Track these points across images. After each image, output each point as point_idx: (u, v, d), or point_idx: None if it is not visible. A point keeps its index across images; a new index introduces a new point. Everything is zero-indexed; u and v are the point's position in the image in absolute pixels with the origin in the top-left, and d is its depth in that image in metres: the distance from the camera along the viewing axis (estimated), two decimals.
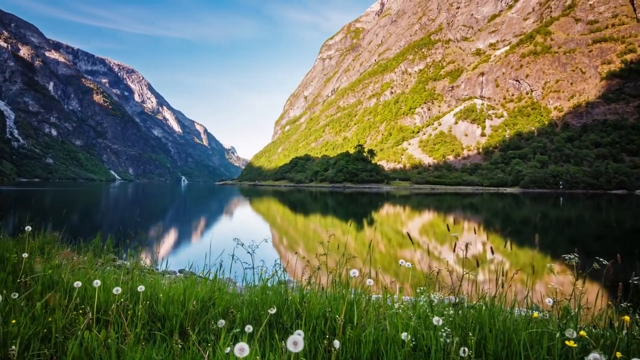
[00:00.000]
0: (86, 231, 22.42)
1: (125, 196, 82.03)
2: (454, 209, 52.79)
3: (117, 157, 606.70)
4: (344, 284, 5.22)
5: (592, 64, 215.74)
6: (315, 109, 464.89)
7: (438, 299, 4.93)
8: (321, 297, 5.04)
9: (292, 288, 5.53)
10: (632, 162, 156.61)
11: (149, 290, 5.23)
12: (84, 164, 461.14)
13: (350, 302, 4.59)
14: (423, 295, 4.94)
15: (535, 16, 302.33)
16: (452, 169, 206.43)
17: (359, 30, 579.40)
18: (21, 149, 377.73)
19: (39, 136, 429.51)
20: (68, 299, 4.92)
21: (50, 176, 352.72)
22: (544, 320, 4.11)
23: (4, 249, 6.88)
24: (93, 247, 9.12)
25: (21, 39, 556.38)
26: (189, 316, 4.76)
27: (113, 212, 43.65)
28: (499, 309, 4.42)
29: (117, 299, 4.64)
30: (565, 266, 4.86)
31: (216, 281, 5.82)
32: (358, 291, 5.01)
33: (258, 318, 4.79)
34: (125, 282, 5.74)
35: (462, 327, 4.02)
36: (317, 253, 6.21)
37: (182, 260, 13.98)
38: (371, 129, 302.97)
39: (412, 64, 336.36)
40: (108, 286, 5.17)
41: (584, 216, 43.53)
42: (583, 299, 4.34)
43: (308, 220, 37.55)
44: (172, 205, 56.91)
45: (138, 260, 7.01)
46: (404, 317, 4.34)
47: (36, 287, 5.21)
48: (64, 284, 5.46)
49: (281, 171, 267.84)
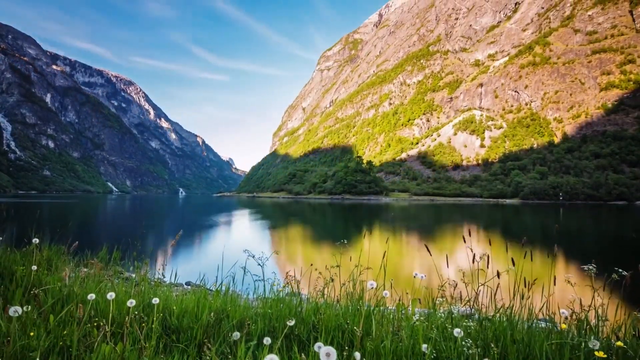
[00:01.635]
0: (90, 243, 22.32)
1: (125, 209, 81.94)
2: (459, 220, 52.74)
3: (114, 169, 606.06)
4: (359, 295, 5.19)
5: (591, 75, 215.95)
6: (313, 120, 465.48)
7: (456, 311, 4.90)
8: (336, 309, 5.00)
9: (305, 300, 5.49)
10: (632, 173, 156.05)
11: (162, 302, 5.19)
12: (81, 176, 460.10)
13: (367, 314, 4.56)
14: (442, 307, 4.91)
15: (534, 27, 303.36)
16: (451, 180, 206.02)
17: (357, 42, 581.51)
18: (18, 161, 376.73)
19: (36, 148, 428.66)
20: (75, 310, 4.89)
21: (48, 188, 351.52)
22: (564, 331, 4.08)
23: (11, 262, 6.85)
24: (99, 260, 9.09)
25: (18, 50, 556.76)
26: (203, 328, 4.72)
27: (115, 224, 43.56)
28: (517, 320, 4.39)
29: (131, 312, 4.61)
30: (583, 276, 4.83)
31: (228, 293, 5.78)
32: (372, 302, 4.98)
33: (273, 330, 4.76)
34: (136, 294, 5.69)
35: (482, 339, 3.99)
36: (326, 265, 6.19)
37: (189, 272, 13.93)
38: (370, 140, 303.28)
39: (411, 75, 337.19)
40: (120, 299, 5.12)
41: (592, 227, 43.52)
42: (602, 310, 4.31)
43: (314, 232, 37.46)
44: (174, 218, 56.84)
45: (146, 273, 6.97)
46: (422, 328, 4.30)
47: (47, 300, 5.18)
48: (75, 296, 5.42)
49: (279, 183, 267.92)
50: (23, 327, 4.08)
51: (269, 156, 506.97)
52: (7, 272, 6.47)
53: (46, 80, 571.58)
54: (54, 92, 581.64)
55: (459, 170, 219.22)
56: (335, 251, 6.31)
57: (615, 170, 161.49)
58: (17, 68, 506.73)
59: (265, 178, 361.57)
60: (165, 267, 7.42)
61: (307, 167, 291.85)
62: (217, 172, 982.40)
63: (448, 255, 5.58)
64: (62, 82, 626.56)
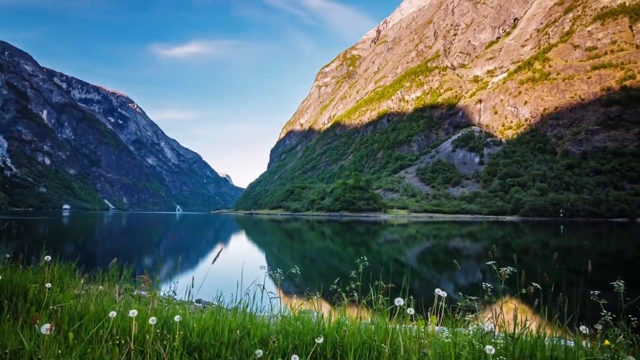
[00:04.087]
0: (96, 260, 22.25)
1: (124, 226, 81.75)
2: (467, 237, 52.68)
3: (111, 185, 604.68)
4: (384, 312, 5.13)
5: (591, 91, 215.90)
6: (311, 136, 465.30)
7: (484, 327, 4.85)
8: (359, 326, 4.95)
9: (325, 316, 5.44)
10: (632, 190, 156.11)
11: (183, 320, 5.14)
12: (77, 193, 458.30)
13: (394, 331, 4.51)
14: (471, 325, 4.86)
15: (533, 43, 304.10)
16: (451, 197, 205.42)
17: (355, 58, 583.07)
18: (14, 178, 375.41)
19: (32, 165, 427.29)
20: (100, 329, 4.85)
21: (44, 205, 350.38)
22: (595, 348, 4.04)
23: (24, 279, 6.82)
24: (109, 277, 9.03)
25: (15, 66, 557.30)
26: (225, 346, 4.68)
27: (117, 241, 43.40)
28: (544, 337, 4.34)
29: (153, 330, 4.58)
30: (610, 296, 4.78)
31: (245, 310, 5.73)
32: (396, 319, 4.93)
33: (296, 348, 4.71)
34: (153, 311, 5.64)
35: (512, 356, 3.94)
36: (344, 281, 6.14)
37: (200, 289, 13.83)
38: (368, 157, 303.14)
39: (409, 91, 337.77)
40: (139, 316, 5.07)
41: (615, 244, 43.44)
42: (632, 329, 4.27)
43: (325, 249, 37.39)
44: (175, 235, 56.66)
45: (158, 290, 6.91)
46: (451, 346, 4.25)
47: (63, 317, 5.14)
48: (91, 314, 5.38)
49: (277, 200, 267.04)
50: (45, 345, 4.03)
51: (266, 173, 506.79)
52: (19, 289, 6.43)
53: (42, 96, 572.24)
54: (51, 108, 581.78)
55: (458, 186, 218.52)
56: (353, 268, 6.26)
57: (615, 186, 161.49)
58: (13, 84, 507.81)
59: (262, 195, 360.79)
60: (177, 284, 7.39)
61: (304, 183, 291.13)
62: (214, 189, 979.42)
63: (468, 271, 5.55)
64: (59, 99, 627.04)
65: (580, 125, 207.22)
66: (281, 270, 6.37)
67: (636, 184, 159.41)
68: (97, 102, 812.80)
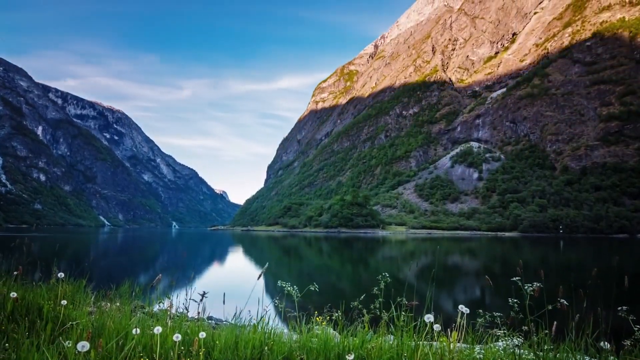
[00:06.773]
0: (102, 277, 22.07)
1: (123, 243, 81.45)
2: (471, 254, 52.59)
3: (106, 202, 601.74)
4: (410, 328, 5.09)
5: (590, 106, 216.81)
6: (308, 152, 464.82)
7: (513, 343, 4.81)
8: (384, 343, 4.91)
9: (347, 333, 5.40)
10: (633, 206, 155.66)
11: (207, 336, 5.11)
12: (72, 210, 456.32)
13: (423, 347, 4.47)
14: (501, 341, 4.82)
15: (531, 58, 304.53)
16: (449, 213, 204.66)
17: (352, 73, 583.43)
18: (9, 195, 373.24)
19: (27, 181, 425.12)
20: (119, 345, 4.82)
21: (39, 222, 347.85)
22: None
23: (38, 297, 6.80)
24: (121, 294, 9.01)
25: (10, 82, 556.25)
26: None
27: (120, 258, 43.19)
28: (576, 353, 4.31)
29: (177, 347, 4.55)
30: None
31: (264, 327, 5.69)
32: (422, 336, 4.89)
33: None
34: (172, 328, 5.61)
35: None
36: (364, 298, 6.11)
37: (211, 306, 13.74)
38: (366, 173, 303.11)
39: (407, 107, 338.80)
40: (162, 333, 5.04)
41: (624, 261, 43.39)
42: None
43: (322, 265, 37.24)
44: (176, 252, 56.51)
45: (170, 307, 6.88)
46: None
47: (80, 334, 5.10)
48: (110, 330, 5.36)
49: (274, 216, 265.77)
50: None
51: (263, 189, 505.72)
52: (34, 307, 6.39)
53: (38, 112, 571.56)
54: (46, 124, 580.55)
55: (456, 202, 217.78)
56: (375, 284, 6.23)
57: (615, 202, 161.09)
58: (8, 100, 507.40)
59: (259, 211, 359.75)
60: (189, 301, 7.36)
61: (302, 200, 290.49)
62: (211, 205, 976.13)
63: (494, 286, 5.53)
64: (54, 115, 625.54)
65: (579, 140, 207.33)
66: (297, 287, 6.33)
67: (636, 200, 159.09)
68: (92, 117, 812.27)
